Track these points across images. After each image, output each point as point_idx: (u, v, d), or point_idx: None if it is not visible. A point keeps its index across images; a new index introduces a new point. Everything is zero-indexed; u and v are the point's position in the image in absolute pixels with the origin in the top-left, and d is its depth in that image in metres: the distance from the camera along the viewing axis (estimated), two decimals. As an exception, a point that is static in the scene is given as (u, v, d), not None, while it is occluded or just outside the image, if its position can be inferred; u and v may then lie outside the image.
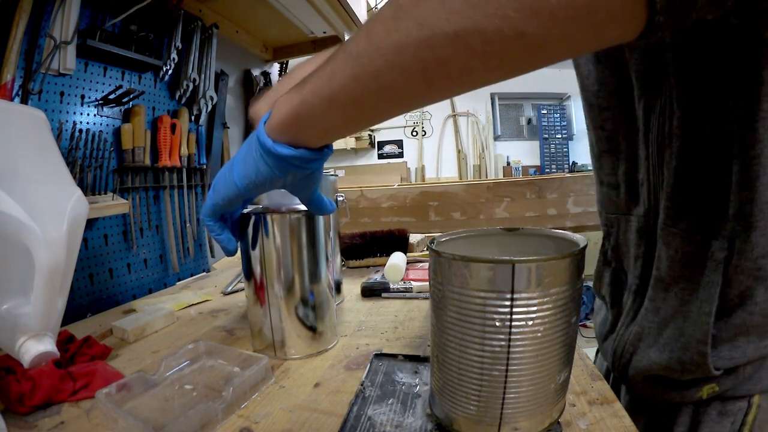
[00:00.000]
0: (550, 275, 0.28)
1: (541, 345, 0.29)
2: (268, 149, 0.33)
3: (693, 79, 0.35)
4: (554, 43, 0.23)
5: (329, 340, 0.54)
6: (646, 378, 0.43)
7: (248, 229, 0.49)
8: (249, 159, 0.35)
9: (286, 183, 0.37)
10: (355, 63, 0.27)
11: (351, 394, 0.41)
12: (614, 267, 0.51)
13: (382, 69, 0.26)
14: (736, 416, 0.39)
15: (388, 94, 0.28)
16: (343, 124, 0.31)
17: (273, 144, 0.33)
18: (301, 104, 0.31)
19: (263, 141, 0.33)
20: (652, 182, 0.42)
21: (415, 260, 0.93)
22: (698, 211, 0.38)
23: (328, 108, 0.30)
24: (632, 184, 0.45)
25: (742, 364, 0.38)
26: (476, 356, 0.30)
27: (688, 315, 0.39)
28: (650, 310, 0.43)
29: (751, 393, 0.39)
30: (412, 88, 0.27)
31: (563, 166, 4.18)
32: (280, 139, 0.33)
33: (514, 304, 0.28)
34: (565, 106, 4.25)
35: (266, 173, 0.35)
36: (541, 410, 0.31)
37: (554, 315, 0.29)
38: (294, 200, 0.48)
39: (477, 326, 0.30)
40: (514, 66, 0.25)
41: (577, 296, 0.31)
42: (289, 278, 0.50)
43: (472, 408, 0.31)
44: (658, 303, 0.42)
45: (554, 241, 0.36)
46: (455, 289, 0.30)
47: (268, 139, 0.33)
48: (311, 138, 0.33)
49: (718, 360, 0.38)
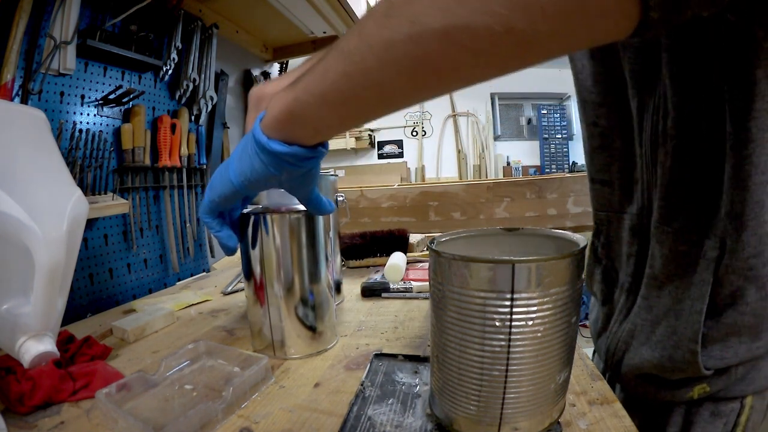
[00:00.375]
0: (550, 275, 0.28)
1: (541, 345, 0.29)
2: (262, 146, 0.33)
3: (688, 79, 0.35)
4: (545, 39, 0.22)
5: (329, 340, 0.54)
6: (638, 376, 0.43)
7: (248, 229, 0.49)
8: (245, 156, 0.36)
9: (282, 181, 0.37)
10: (346, 60, 0.27)
11: (351, 394, 0.41)
12: (605, 264, 0.51)
13: (373, 66, 0.26)
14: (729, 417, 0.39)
15: (379, 91, 0.28)
16: (336, 121, 0.31)
17: (267, 141, 0.33)
18: (295, 102, 0.31)
19: (258, 138, 0.33)
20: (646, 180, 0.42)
21: (415, 260, 0.93)
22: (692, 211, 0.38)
23: (321, 106, 0.30)
24: (627, 182, 0.45)
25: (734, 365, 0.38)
26: (476, 356, 0.30)
27: (681, 313, 0.39)
28: (643, 307, 0.43)
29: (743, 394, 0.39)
30: (403, 84, 0.27)
31: (563, 166, 4.18)
32: (274, 136, 0.33)
33: (514, 304, 0.28)
34: (565, 106, 4.25)
35: (261, 170, 0.35)
36: (541, 410, 0.31)
37: (554, 315, 0.29)
38: (294, 200, 0.48)
39: (477, 326, 0.30)
40: (505, 63, 0.24)
41: (577, 296, 0.31)
42: (288, 278, 0.50)
43: (472, 408, 0.31)
44: (651, 301, 0.42)
45: (554, 241, 0.36)
46: (455, 289, 0.30)
47: (263, 136, 0.33)
48: (305, 135, 0.33)
49: (708, 360, 0.38)
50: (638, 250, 0.44)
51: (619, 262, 0.48)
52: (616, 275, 0.49)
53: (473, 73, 0.25)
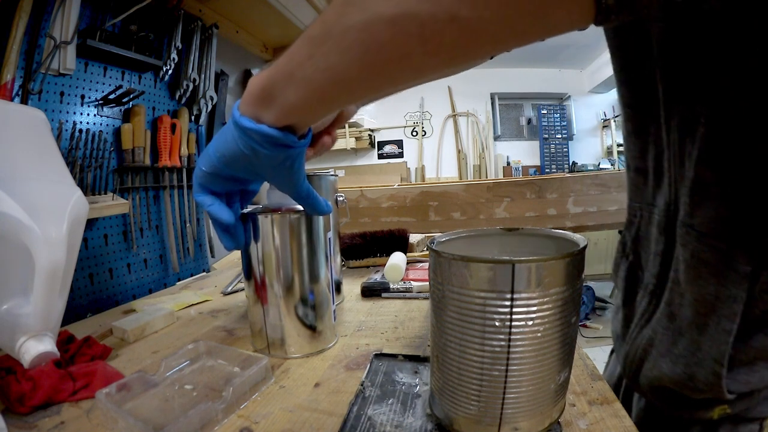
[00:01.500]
0: (550, 275, 0.28)
1: (541, 345, 0.29)
2: (235, 120, 0.34)
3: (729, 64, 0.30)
4: (492, 28, 0.22)
5: (328, 340, 0.54)
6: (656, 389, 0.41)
7: (248, 229, 0.49)
8: (223, 133, 0.37)
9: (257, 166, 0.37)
10: (310, 44, 0.28)
11: (351, 394, 0.41)
12: (631, 261, 0.47)
13: (330, 50, 0.27)
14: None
15: (336, 77, 0.28)
16: (300, 103, 0.32)
17: (239, 116, 0.34)
18: (267, 79, 0.32)
19: (233, 112, 0.34)
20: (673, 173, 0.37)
21: (415, 260, 0.93)
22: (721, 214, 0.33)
23: (287, 85, 0.31)
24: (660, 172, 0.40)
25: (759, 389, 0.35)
26: (476, 356, 0.30)
27: (705, 329, 0.35)
28: (665, 315, 0.39)
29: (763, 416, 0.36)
30: (356, 71, 0.27)
31: (563, 166, 4.18)
32: (246, 112, 0.34)
33: (514, 304, 0.28)
34: (565, 106, 4.24)
35: (233, 148, 0.35)
36: (541, 410, 0.31)
37: (554, 315, 0.29)
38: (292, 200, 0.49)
39: (477, 326, 0.30)
40: (454, 52, 0.25)
41: (577, 296, 0.31)
42: (288, 277, 0.50)
43: (472, 408, 0.31)
44: (674, 308, 0.38)
45: (554, 241, 0.36)
46: (455, 289, 0.30)
47: (237, 111, 0.34)
48: (273, 115, 0.33)
49: (732, 383, 0.34)
50: (664, 250, 0.40)
51: (646, 261, 0.44)
52: (641, 274, 0.45)
53: (424, 62, 0.26)
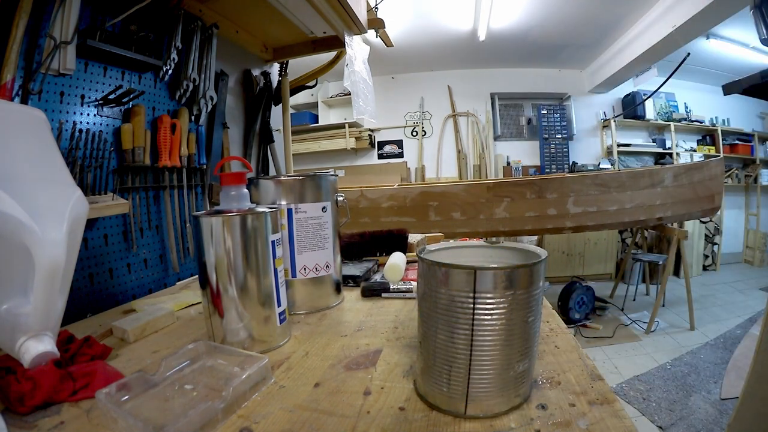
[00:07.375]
0: (507, 280, 0.35)
1: (499, 337, 0.36)
2: None
3: None
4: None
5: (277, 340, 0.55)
6: None
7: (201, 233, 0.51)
8: None
9: None
10: None
11: (351, 394, 0.41)
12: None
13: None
14: None
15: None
16: None
17: None
18: None
19: None
20: None
21: (414, 260, 0.93)
22: None
23: None
24: None
25: None
26: (447, 344, 0.37)
27: None
28: None
29: None
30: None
31: (563, 166, 4.17)
32: None
33: (476, 303, 0.35)
34: (565, 106, 4.24)
35: None
36: (502, 393, 0.37)
37: (511, 313, 0.35)
38: (245, 202, 0.53)
39: (448, 319, 0.37)
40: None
41: (534, 300, 0.37)
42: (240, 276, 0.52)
43: (444, 387, 0.38)
44: None
45: (524, 253, 0.44)
46: (433, 288, 0.37)
47: None
48: None
49: None
50: None
51: None
52: None
53: None
